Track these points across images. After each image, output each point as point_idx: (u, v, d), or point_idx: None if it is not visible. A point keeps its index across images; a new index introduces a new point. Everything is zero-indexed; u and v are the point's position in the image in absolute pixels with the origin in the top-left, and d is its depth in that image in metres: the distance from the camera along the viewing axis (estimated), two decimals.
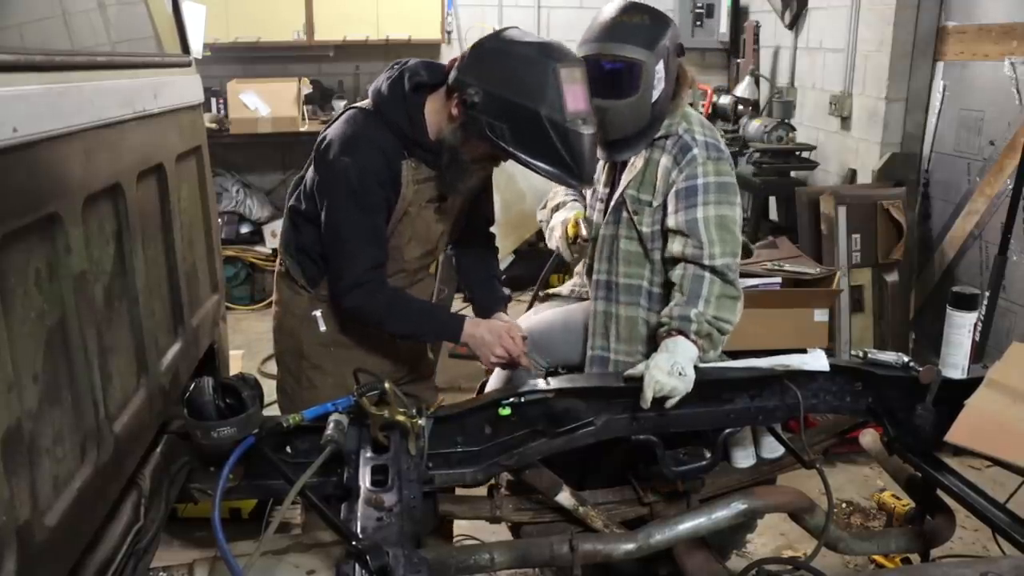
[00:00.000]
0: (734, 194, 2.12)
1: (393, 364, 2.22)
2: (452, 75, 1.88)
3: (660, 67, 2.05)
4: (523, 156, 1.84)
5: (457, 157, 1.94)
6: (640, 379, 1.83)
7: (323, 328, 2.13)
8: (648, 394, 1.81)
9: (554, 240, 2.36)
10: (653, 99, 2.06)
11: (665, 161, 2.12)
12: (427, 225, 2.09)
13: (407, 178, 1.98)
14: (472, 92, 1.81)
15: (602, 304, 2.25)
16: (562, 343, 2.34)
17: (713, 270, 2.03)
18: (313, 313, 2.12)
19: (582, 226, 2.27)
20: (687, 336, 1.93)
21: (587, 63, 1.98)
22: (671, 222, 2.09)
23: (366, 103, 2.02)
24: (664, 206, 2.13)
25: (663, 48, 2.05)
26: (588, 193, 2.39)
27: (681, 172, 2.09)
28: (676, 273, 2.07)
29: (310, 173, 2.07)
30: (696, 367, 1.89)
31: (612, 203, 2.23)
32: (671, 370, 1.83)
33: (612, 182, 2.28)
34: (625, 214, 2.19)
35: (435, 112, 1.96)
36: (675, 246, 2.08)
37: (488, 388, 2.35)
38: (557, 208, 2.43)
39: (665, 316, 2.02)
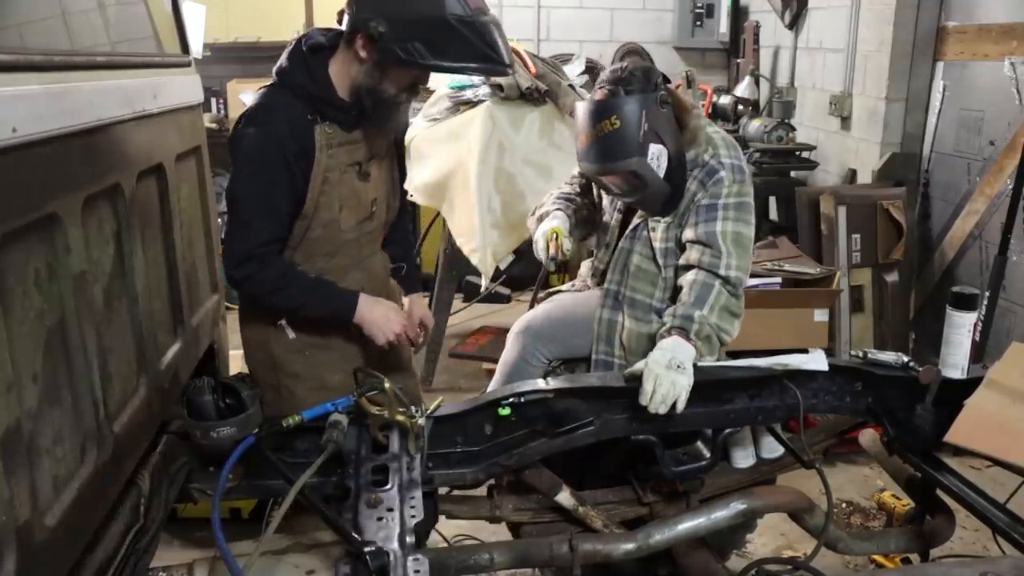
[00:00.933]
0: (751, 214, 2.17)
1: (365, 358, 2.18)
2: (346, 21, 1.89)
3: (653, 149, 2.08)
4: (446, 64, 1.87)
5: (380, 97, 1.93)
6: (640, 377, 1.83)
7: (292, 336, 2.09)
8: (648, 387, 1.80)
9: (538, 251, 2.38)
10: (663, 174, 2.11)
11: (691, 185, 2.17)
12: (354, 191, 2.05)
13: (320, 143, 1.95)
14: (374, 25, 1.81)
15: (608, 312, 2.28)
16: (572, 335, 2.36)
17: (727, 281, 2.06)
18: (279, 323, 2.09)
19: (564, 243, 2.31)
20: (687, 337, 1.94)
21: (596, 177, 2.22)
22: (689, 234, 2.13)
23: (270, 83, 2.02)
24: (678, 224, 2.18)
25: (647, 134, 2.07)
26: (606, 201, 2.40)
27: (707, 191, 2.14)
28: (687, 278, 2.09)
29: None
30: (696, 366, 1.89)
31: (635, 221, 2.27)
32: (669, 364, 1.84)
33: None
34: (645, 233, 2.23)
35: (342, 68, 1.95)
36: (692, 254, 2.11)
37: (491, 388, 2.36)
38: (543, 218, 2.44)
39: (668, 315, 2.04)
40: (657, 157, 2.09)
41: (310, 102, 1.94)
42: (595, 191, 2.48)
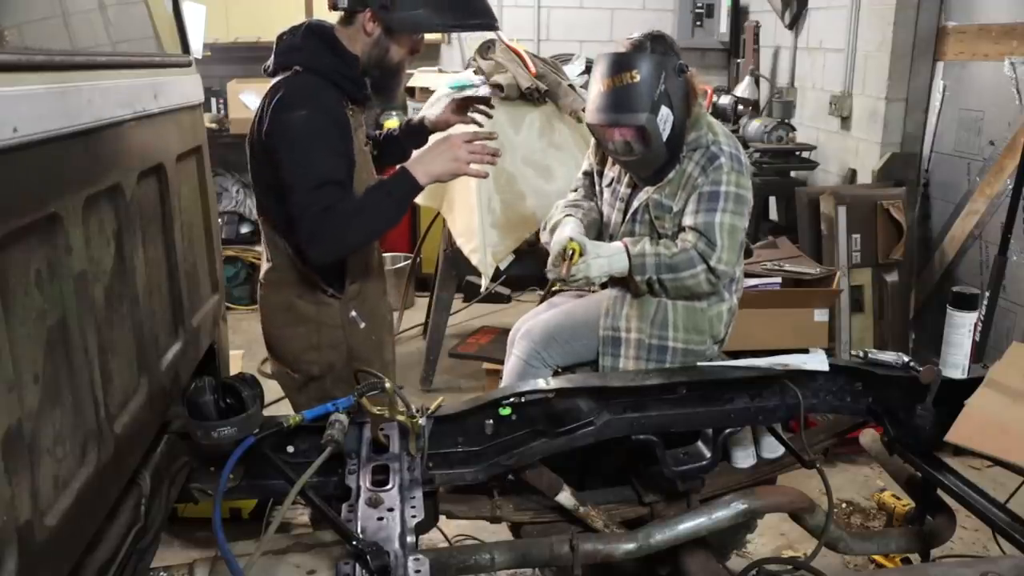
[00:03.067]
0: (746, 207, 2.21)
1: (389, 326, 2.35)
2: (345, 2, 1.97)
3: (664, 112, 2.14)
4: (449, 23, 2.05)
5: (388, 66, 2.03)
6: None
7: (363, 325, 2.14)
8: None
9: (551, 260, 2.24)
10: (665, 139, 2.16)
11: (692, 169, 2.21)
12: (368, 167, 2.15)
13: (353, 126, 2.03)
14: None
15: (618, 291, 2.31)
16: (572, 340, 2.36)
17: (712, 271, 2.13)
18: (351, 316, 2.11)
19: (575, 262, 2.20)
20: (629, 258, 2.14)
21: (602, 130, 2.21)
22: (689, 220, 2.19)
23: (285, 74, 2.00)
24: (683, 211, 2.22)
25: (662, 95, 2.13)
26: (607, 192, 2.42)
27: (708, 177, 2.18)
28: (685, 240, 2.18)
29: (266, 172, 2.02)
30: (697, 365, 1.91)
31: (635, 206, 2.30)
32: (598, 255, 2.14)
33: (635, 184, 2.35)
34: (647, 217, 2.27)
35: (348, 46, 2.02)
36: (689, 237, 2.17)
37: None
38: (555, 229, 2.36)
39: (642, 239, 2.20)
40: (665, 120, 2.15)
41: (340, 85, 2.00)
42: (597, 189, 2.48)
